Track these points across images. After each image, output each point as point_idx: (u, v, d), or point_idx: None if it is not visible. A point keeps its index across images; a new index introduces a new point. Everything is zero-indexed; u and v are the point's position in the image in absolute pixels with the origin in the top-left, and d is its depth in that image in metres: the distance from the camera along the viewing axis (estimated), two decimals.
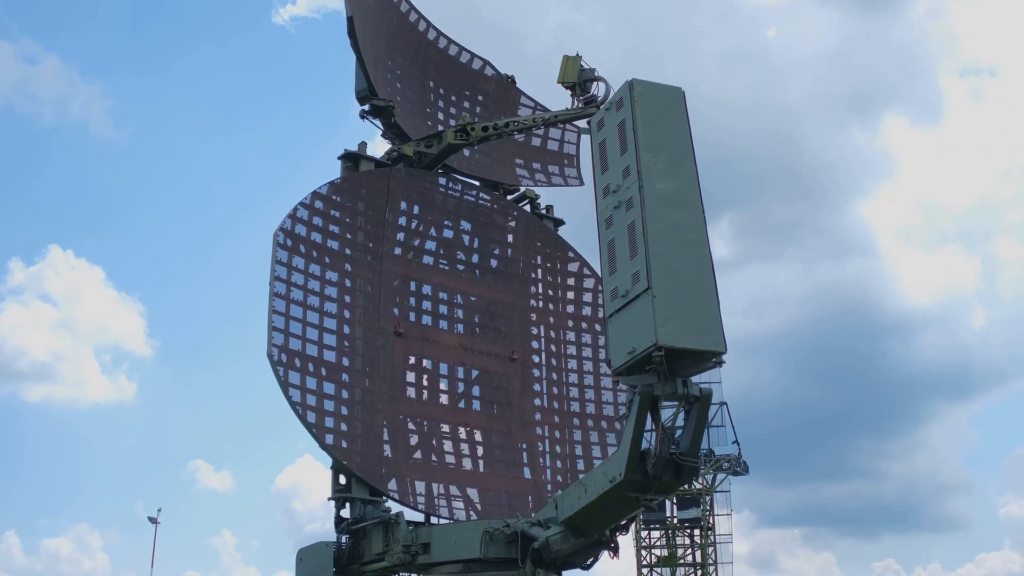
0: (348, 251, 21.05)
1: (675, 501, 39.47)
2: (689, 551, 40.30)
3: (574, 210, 25.69)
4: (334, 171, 21.78)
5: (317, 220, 20.53)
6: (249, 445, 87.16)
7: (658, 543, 40.31)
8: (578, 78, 21.48)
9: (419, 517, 19.93)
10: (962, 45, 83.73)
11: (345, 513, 19.26)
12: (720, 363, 13.61)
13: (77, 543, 75.14)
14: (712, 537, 39.41)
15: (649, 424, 14.20)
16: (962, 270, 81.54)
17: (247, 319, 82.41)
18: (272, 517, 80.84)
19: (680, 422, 14.28)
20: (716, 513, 39.61)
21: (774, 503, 72.72)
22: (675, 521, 40.06)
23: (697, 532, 39.98)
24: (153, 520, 48.27)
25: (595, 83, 21.45)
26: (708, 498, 39.54)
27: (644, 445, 14.21)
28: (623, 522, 17.12)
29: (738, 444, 36.56)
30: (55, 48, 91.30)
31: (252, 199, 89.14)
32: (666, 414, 14.28)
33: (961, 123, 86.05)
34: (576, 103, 21.67)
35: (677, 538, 40.14)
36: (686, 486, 31.09)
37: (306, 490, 76.93)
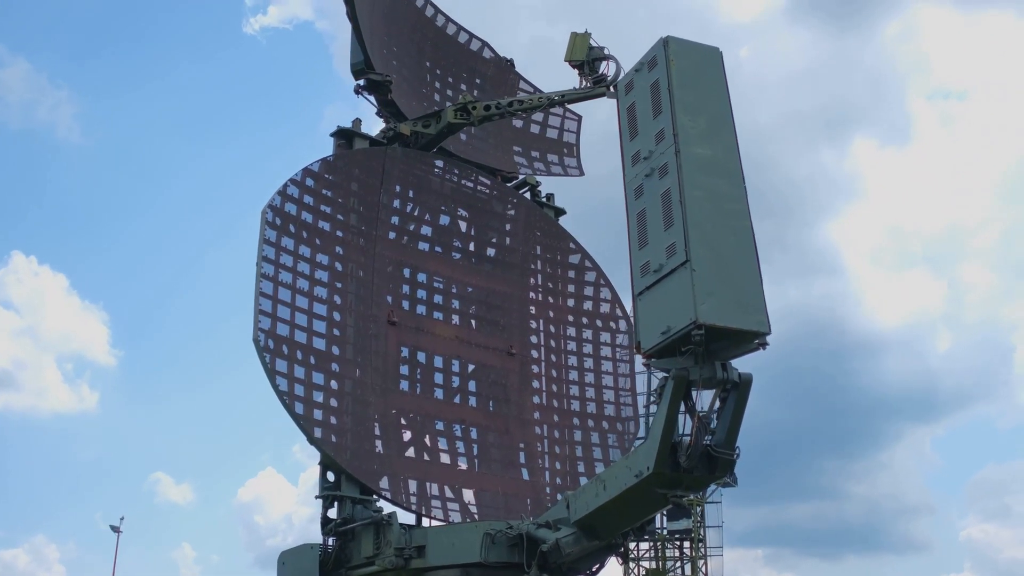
0: (340, 233, 19.66)
1: (665, 512, 38.08)
2: (678, 564, 38.95)
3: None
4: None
5: (308, 199, 19.13)
6: (211, 458, 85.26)
7: (646, 555, 38.96)
8: (587, 56, 20.22)
9: (411, 518, 18.56)
10: (932, 68, 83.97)
11: (332, 513, 17.85)
12: (764, 345, 12.38)
13: (34, 555, 72.90)
14: (703, 549, 38.09)
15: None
16: (928, 293, 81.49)
17: (213, 330, 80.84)
18: (233, 531, 78.99)
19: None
20: (708, 525, 38.42)
21: (737, 523, 71.85)
22: (664, 532, 38.76)
23: (687, 544, 38.68)
24: (115, 528, 46.59)
25: (605, 62, 20.23)
26: (699, 509, 38.29)
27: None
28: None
29: None
30: (23, 51, 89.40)
31: (220, 209, 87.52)
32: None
33: (929, 146, 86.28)
34: (585, 83, 20.45)
35: (666, 550, 38.79)
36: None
37: (268, 504, 75.25)
